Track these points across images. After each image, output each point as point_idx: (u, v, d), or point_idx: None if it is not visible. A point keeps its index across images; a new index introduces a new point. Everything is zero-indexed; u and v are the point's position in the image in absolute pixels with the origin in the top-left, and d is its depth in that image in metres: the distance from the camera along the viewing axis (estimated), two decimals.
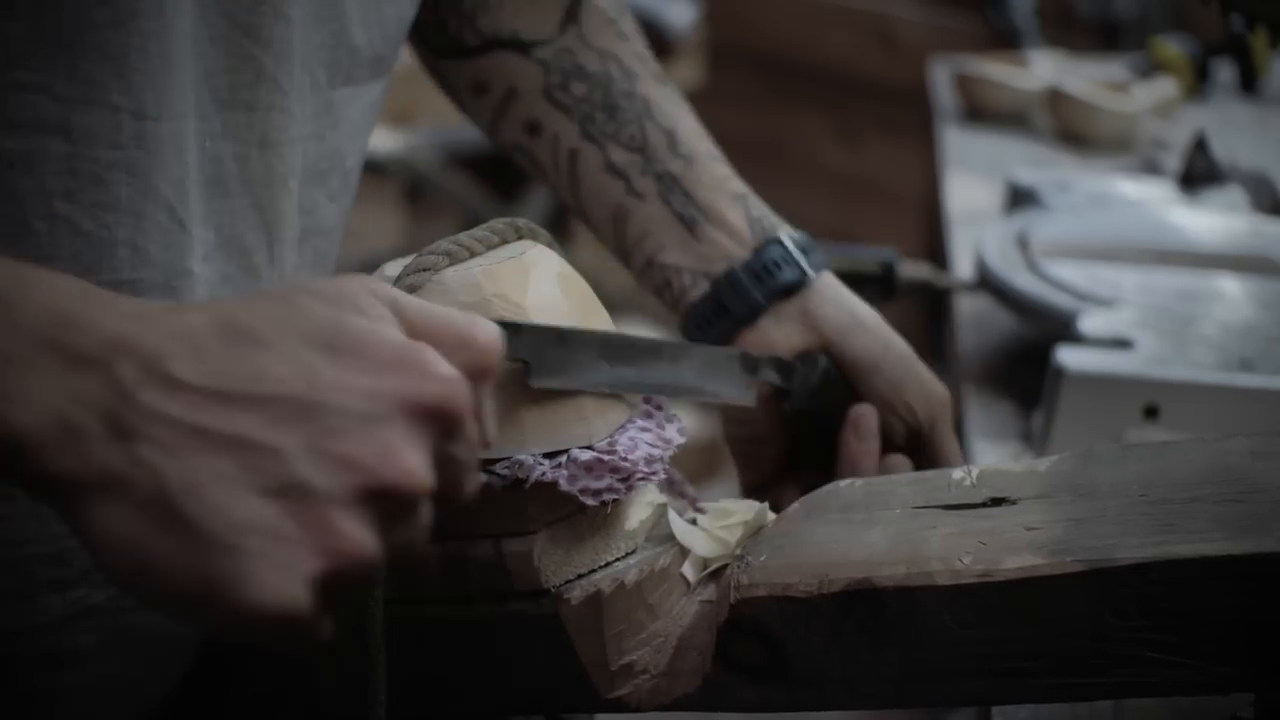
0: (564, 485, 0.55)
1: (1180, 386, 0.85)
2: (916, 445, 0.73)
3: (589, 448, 0.57)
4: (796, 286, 0.74)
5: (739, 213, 0.76)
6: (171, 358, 0.43)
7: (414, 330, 0.46)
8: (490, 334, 0.48)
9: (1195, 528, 0.52)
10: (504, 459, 0.55)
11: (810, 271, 0.74)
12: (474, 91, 0.80)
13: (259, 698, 0.71)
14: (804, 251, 0.75)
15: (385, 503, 0.44)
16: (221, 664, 0.70)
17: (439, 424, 0.45)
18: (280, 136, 0.62)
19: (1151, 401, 0.85)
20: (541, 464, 0.55)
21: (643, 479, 0.57)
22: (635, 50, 0.81)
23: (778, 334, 0.73)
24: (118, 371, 0.42)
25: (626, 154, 0.77)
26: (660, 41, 2.54)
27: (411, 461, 0.44)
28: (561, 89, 0.78)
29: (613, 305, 0.68)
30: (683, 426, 0.62)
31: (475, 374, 0.47)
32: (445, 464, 0.46)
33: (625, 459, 0.57)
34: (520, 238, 0.61)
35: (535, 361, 0.55)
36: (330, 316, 0.45)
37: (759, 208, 0.77)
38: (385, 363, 0.45)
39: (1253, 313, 0.95)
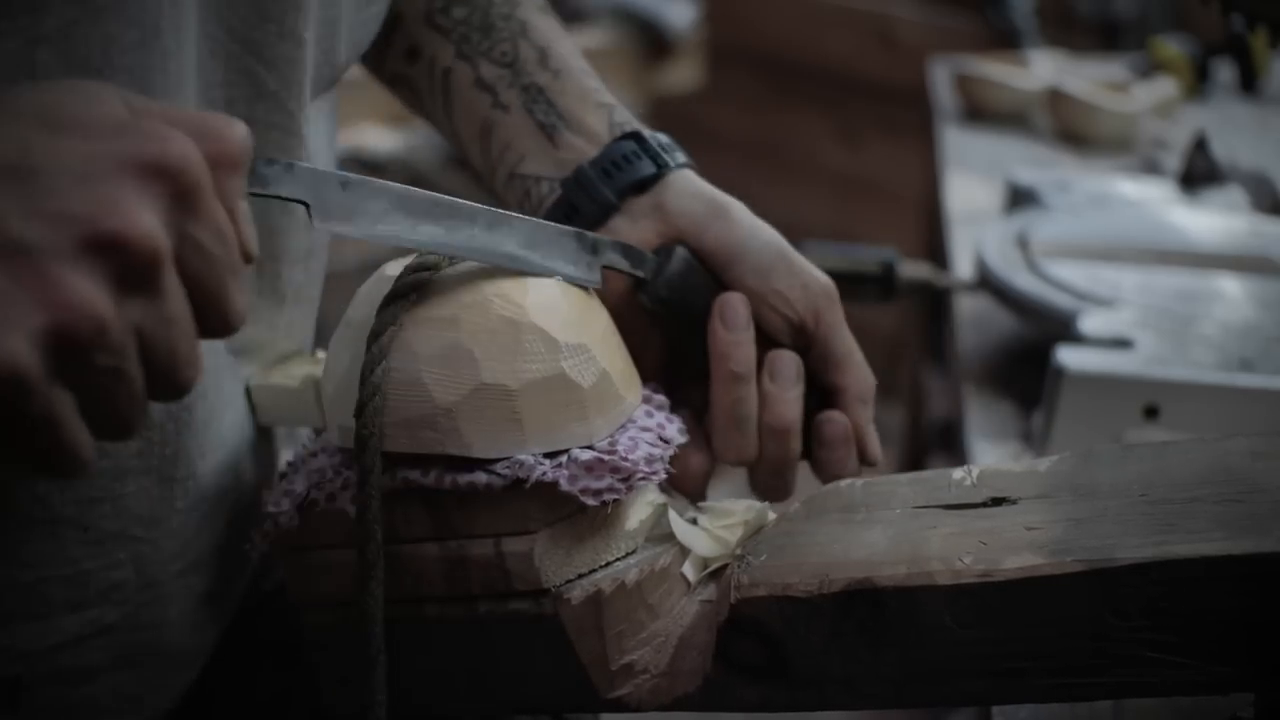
0: (564, 485, 0.55)
1: (1180, 386, 0.85)
2: (805, 343, 0.68)
3: (589, 448, 0.57)
4: (650, 181, 0.69)
5: (601, 117, 0.72)
6: None
7: (137, 114, 0.45)
8: (232, 124, 0.47)
9: (1195, 528, 0.52)
10: (504, 459, 0.55)
11: (668, 163, 0.69)
12: (384, 38, 0.78)
13: (261, 702, 0.71)
14: (664, 149, 0.70)
15: (113, 256, 0.42)
16: (225, 672, 0.70)
17: (166, 184, 0.44)
18: (279, 156, 0.61)
19: (1151, 401, 0.85)
20: (542, 464, 0.55)
21: (643, 479, 0.57)
22: None
23: (632, 231, 0.68)
24: None
25: (496, 69, 0.74)
26: (660, 41, 2.54)
27: (134, 213, 0.43)
28: (442, 13, 0.76)
29: None
30: (683, 427, 0.63)
31: (216, 160, 0.46)
32: (189, 246, 0.44)
33: (626, 459, 0.57)
34: None
35: (315, 202, 0.53)
36: (51, 98, 0.44)
37: (624, 114, 0.73)
38: (109, 131, 0.44)
39: (1253, 313, 0.95)
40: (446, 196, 0.57)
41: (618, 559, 0.59)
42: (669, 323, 0.67)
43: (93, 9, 0.52)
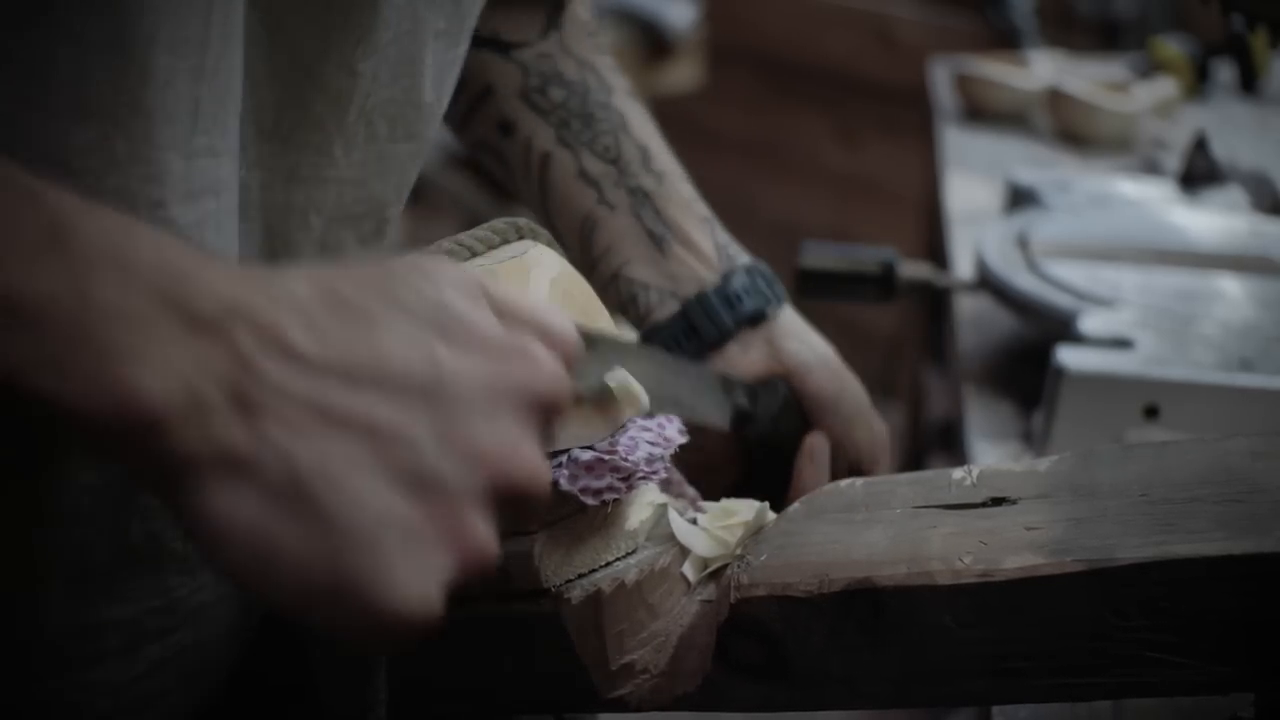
0: (564, 484, 0.55)
1: (1180, 386, 0.85)
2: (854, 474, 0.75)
3: (589, 447, 0.57)
4: (763, 316, 0.76)
5: (706, 236, 0.77)
6: (288, 326, 0.39)
7: (502, 316, 0.44)
8: (568, 325, 0.46)
9: (1195, 528, 0.52)
10: None
11: (776, 302, 0.76)
12: (473, 103, 0.79)
13: (262, 699, 0.71)
14: (768, 283, 0.77)
15: (508, 500, 0.41)
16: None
17: (547, 416, 0.43)
18: (310, 173, 0.60)
19: (1151, 401, 0.85)
20: None
21: (643, 478, 0.57)
22: (610, 64, 0.82)
23: (743, 360, 0.75)
24: (238, 338, 0.39)
25: (601, 164, 0.77)
26: (660, 41, 2.54)
27: (537, 458, 0.42)
28: (539, 92, 0.78)
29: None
30: (682, 427, 0.63)
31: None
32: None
33: (626, 459, 0.57)
34: (521, 237, 0.61)
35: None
36: (433, 294, 0.42)
37: (723, 234, 0.78)
38: (499, 350, 0.43)
39: (1253, 313, 0.95)
40: (651, 347, 0.63)
41: (618, 559, 0.59)
42: (759, 450, 0.74)
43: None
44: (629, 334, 0.66)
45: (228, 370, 0.38)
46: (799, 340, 0.76)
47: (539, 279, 0.58)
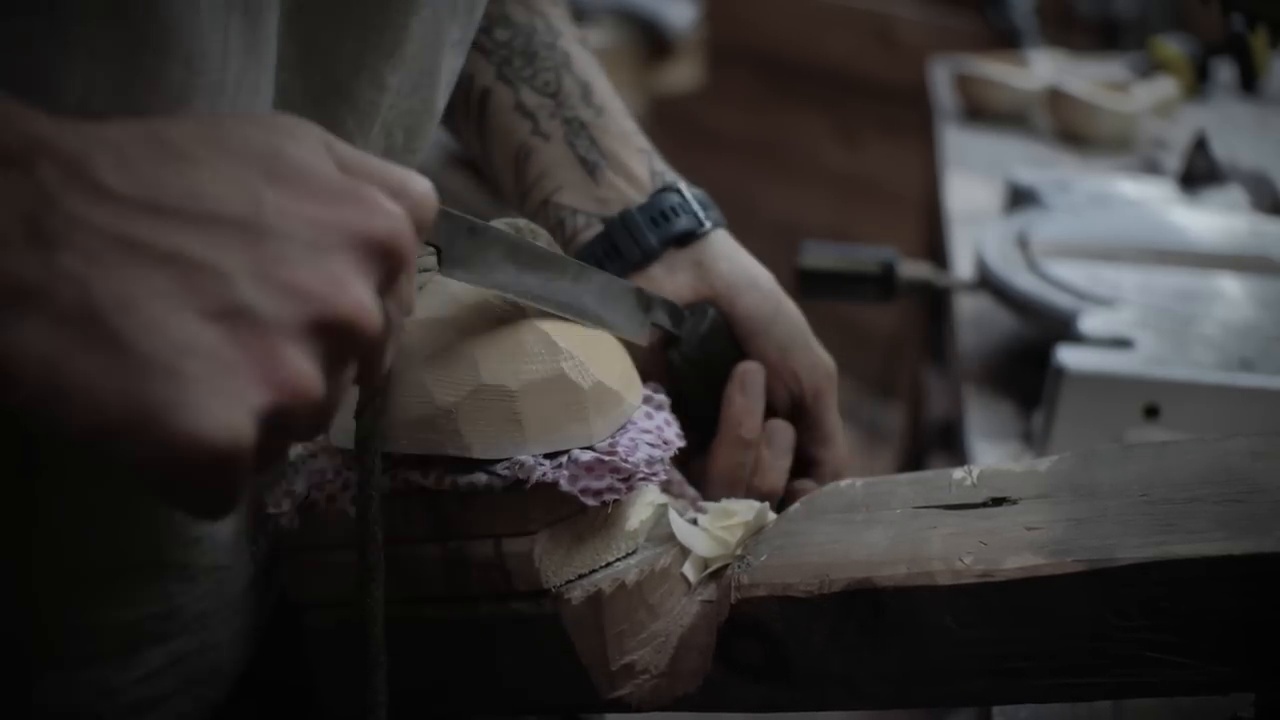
0: (565, 485, 0.55)
1: (1180, 386, 0.85)
2: (798, 415, 0.71)
3: (589, 448, 0.57)
4: (691, 236, 0.72)
5: (642, 162, 0.74)
6: (97, 165, 0.39)
7: (347, 170, 0.44)
8: (425, 187, 0.46)
9: (1195, 528, 0.52)
10: (504, 460, 0.55)
11: (707, 223, 0.72)
12: None
13: (269, 702, 0.71)
14: (703, 206, 0.73)
15: (334, 338, 0.41)
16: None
17: (385, 262, 0.42)
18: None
19: (1151, 401, 0.85)
20: (542, 464, 0.55)
21: (643, 479, 0.57)
22: (562, 14, 0.80)
23: (668, 282, 0.71)
24: (39, 173, 0.38)
25: (538, 97, 0.75)
26: (660, 41, 2.54)
27: (363, 295, 0.41)
28: (484, 33, 0.76)
29: None
30: (680, 432, 0.63)
31: (414, 226, 0.45)
32: (390, 304, 0.44)
33: (626, 460, 0.57)
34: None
35: (447, 249, 0.53)
36: (266, 141, 0.42)
37: (661, 163, 0.76)
38: (331, 193, 0.42)
39: (1253, 313, 0.95)
40: (545, 249, 0.59)
41: (618, 559, 0.59)
42: (688, 379, 0.70)
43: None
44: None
45: (26, 202, 0.38)
46: (730, 261, 0.72)
47: None
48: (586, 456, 0.56)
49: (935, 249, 1.50)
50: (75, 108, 0.47)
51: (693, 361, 0.69)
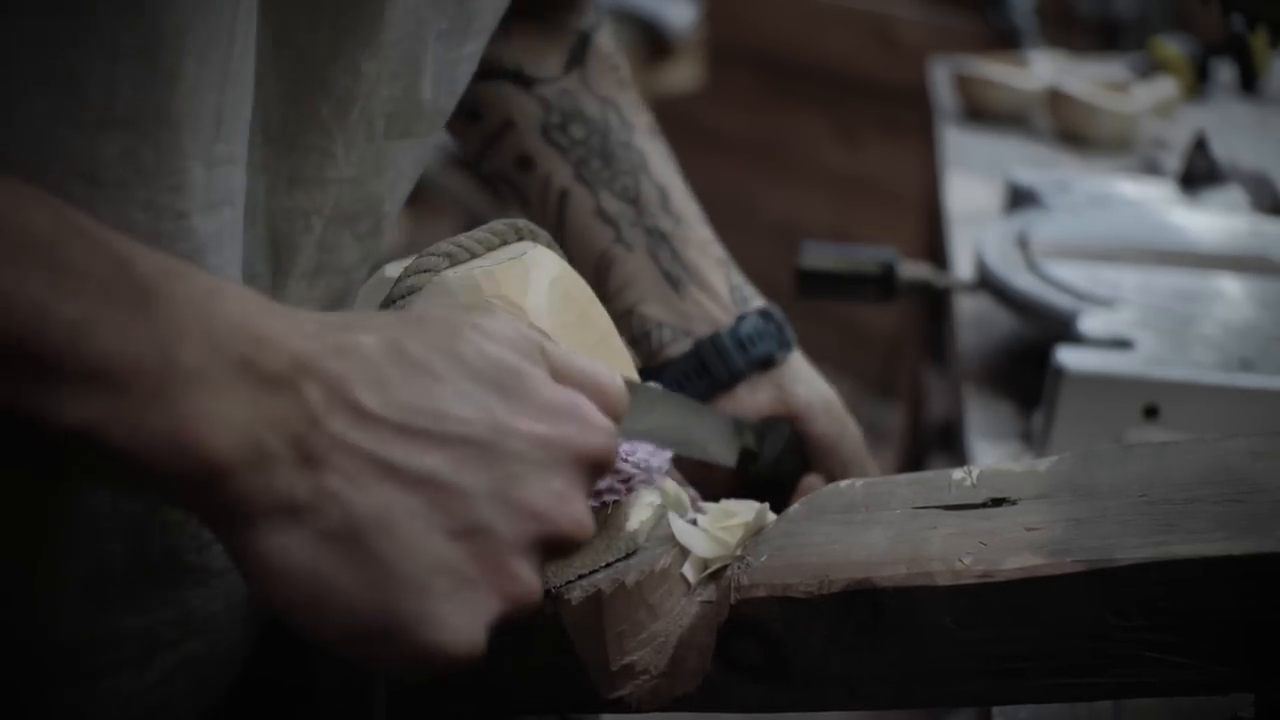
0: None
1: (1180, 386, 0.85)
2: None
3: None
4: (772, 360, 0.78)
5: (722, 278, 0.79)
6: (356, 386, 0.42)
7: (558, 375, 0.47)
8: (618, 383, 0.49)
9: (1195, 528, 0.52)
10: None
11: (786, 347, 0.78)
12: (468, 116, 0.80)
13: (267, 700, 0.71)
14: (779, 326, 0.78)
15: (555, 549, 0.45)
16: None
17: (597, 473, 0.47)
18: (314, 175, 0.61)
19: (1151, 401, 0.85)
20: None
21: (643, 481, 0.57)
22: (633, 100, 0.83)
23: (750, 401, 0.77)
24: (306, 395, 0.42)
25: (619, 203, 0.78)
26: (660, 41, 2.54)
27: (582, 511, 0.45)
28: (560, 129, 0.79)
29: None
30: None
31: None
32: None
33: (626, 460, 0.57)
34: (520, 239, 0.61)
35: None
36: (494, 353, 0.46)
37: (738, 276, 0.80)
38: (554, 411, 0.46)
39: (1253, 313, 0.95)
40: (684, 399, 0.64)
41: (618, 560, 0.59)
42: (760, 489, 0.73)
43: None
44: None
45: (296, 425, 0.41)
46: (806, 385, 0.78)
47: (539, 280, 0.58)
48: None
49: (935, 249, 1.50)
50: (96, 105, 0.47)
51: (767, 475, 0.75)
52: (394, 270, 0.59)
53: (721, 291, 0.78)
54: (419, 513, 0.42)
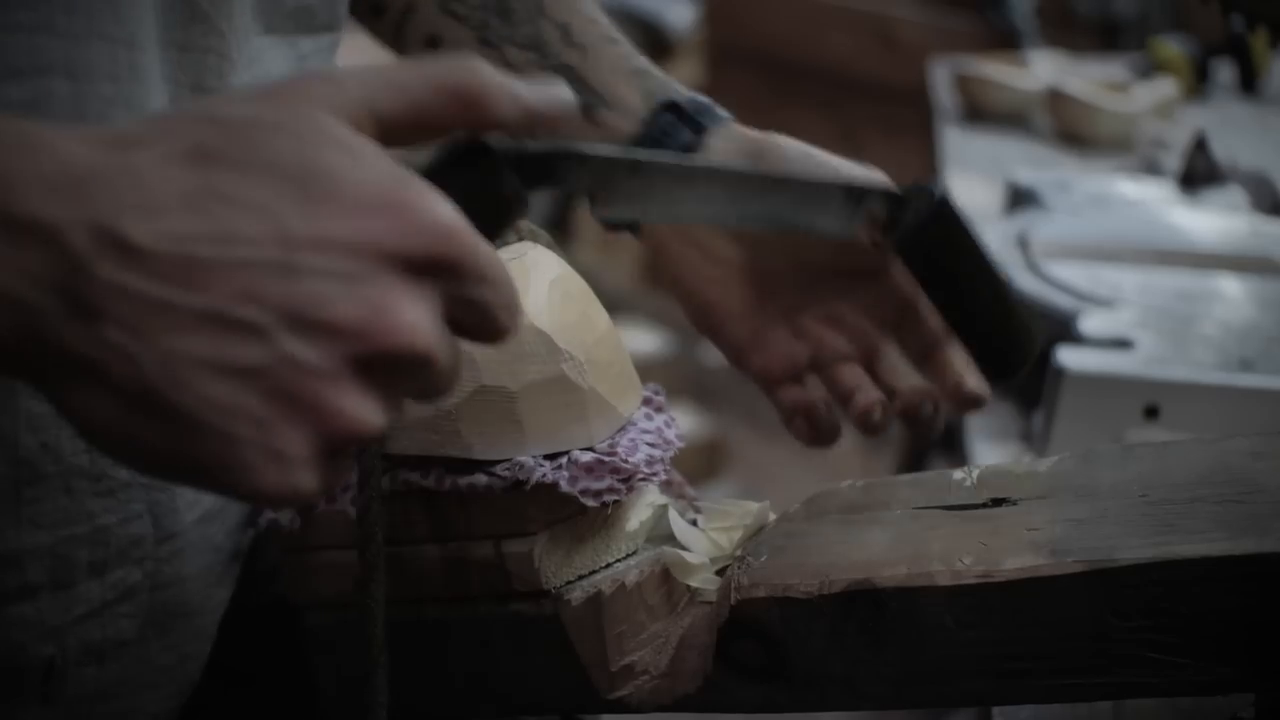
0: (565, 486, 0.55)
1: (1180, 386, 0.85)
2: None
3: (589, 449, 0.57)
4: (691, 147, 0.71)
5: (634, 88, 0.73)
6: (124, 217, 0.38)
7: (392, 121, 0.42)
8: (488, 74, 0.44)
9: (1196, 528, 0.52)
10: (504, 461, 0.55)
11: (704, 125, 0.71)
12: (373, 11, 0.78)
13: (259, 698, 0.71)
14: (700, 113, 0.72)
15: (388, 367, 0.40)
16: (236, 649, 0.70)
17: (438, 272, 0.40)
18: (216, 83, 0.59)
19: (1151, 401, 0.85)
20: (542, 465, 0.55)
21: (643, 480, 0.57)
22: None
23: None
24: (68, 238, 0.38)
25: (522, 53, 0.74)
26: (660, 41, 2.54)
27: (406, 318, 0.40)
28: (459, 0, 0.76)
29: (612, 305, 0.68)
30: (680, 433, 0.62)
31: (495, 122, 0.44)
32: (467, 308, 0.42)
33: (626, 460, 0.57)
34: (520, 239, 0.61)
35: (604, 193, 0.51)
36: (299, 152, 0.40)
37: (656, 80, 0.74)
38: (365, 207, 0.40)
39: (1253, 313, 0.95)
40: (721, 164, 0.55)
41: (618, 560, 0.59)
42: (918, 269, 0.62)
43: None
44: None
45: (59, 274, 0.38)
46: (728, 148, 0.71)
47: (539, 280, 0.58)
48: (586, 457, 0.56)
49: None
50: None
51: (910, 248, 0.60)
52: None
53: (635, 104, 0.73)
54: (208, 357, 0.38)
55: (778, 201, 0.55)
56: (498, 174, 0.47)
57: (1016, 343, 0.63)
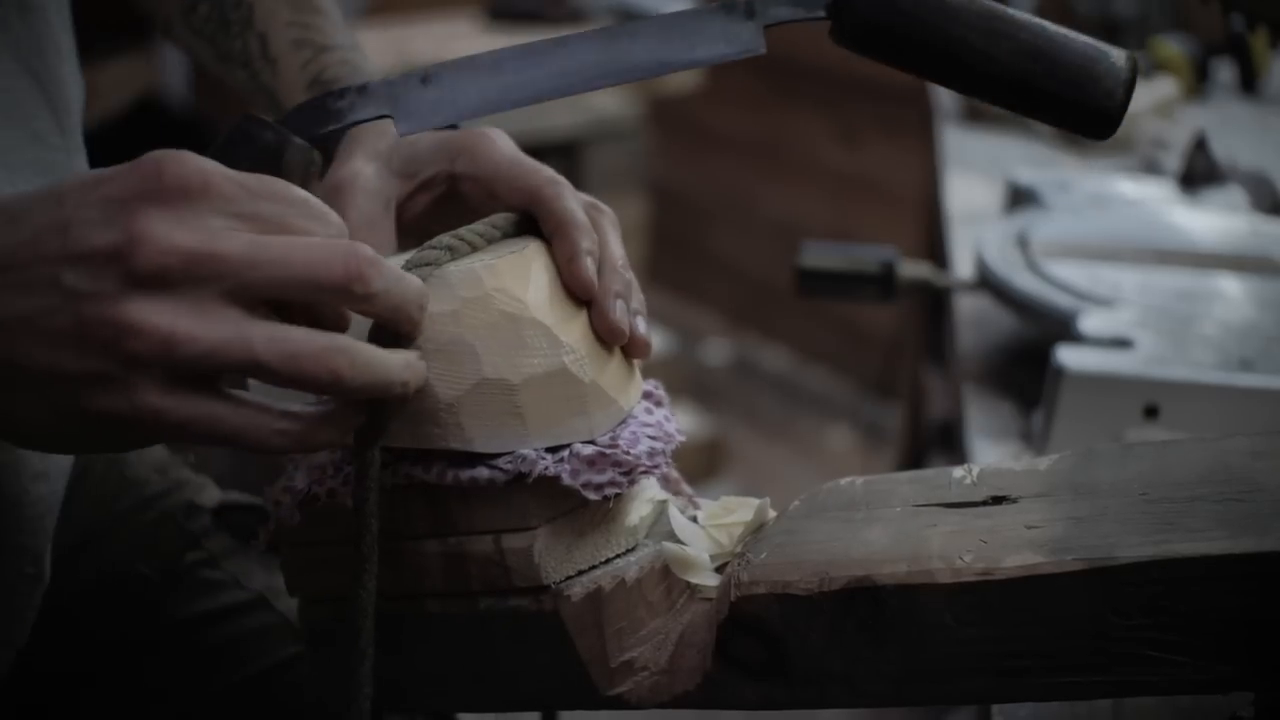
0: (566, 480, 0.55)
1: (1180, 386, 0.85)
2: None
3: (591, 442, 0.57)
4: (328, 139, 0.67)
5: (303, 95, 0.70)
6: None
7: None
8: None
9: (1196, 527, 0.52)
10: (506, 454, 0.55)
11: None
12: (163, 29, 0.78)
13: (47, 688, 0.71)
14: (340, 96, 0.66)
15: (169, 277, 0.45)
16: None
17: (185, 195, 0.45)
18: (37, 1, 0.60)
19: (1151, 401, 0.85)
20: (544, 458, 0.55)
21: (645, 473, 0.57)
22: None
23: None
24: None
25: (240, 71, 0.74)
26: None
27: (159, 231, 0.44)
28: (192, 12, 0.76)
29: None
30: (680, 427, 0.62)
31: None
32: (253, 224, 0.46)
33: (628, 453, 0.57)
34: (521, 233, 0.61)
35: (399, 113, 0.52)
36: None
37: (335, 73, 0.70)
38: (120, 171, 0.46)
39: (1253, 313, 0.95)
40: (534, 41, 0.53)
41: (618, 556, 0.59)
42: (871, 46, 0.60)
43: None
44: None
45: None
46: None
47: (539, 273, 0.58)
48: (588, 450, 0.56)
49: (935, 249, 1.50)
50: None
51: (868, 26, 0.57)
52: (395, 264, 0.59)
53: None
54: (18, 315, 0.45)
55: (629, 51, 0.55)
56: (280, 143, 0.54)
57: (1078, 84, 0.53)
